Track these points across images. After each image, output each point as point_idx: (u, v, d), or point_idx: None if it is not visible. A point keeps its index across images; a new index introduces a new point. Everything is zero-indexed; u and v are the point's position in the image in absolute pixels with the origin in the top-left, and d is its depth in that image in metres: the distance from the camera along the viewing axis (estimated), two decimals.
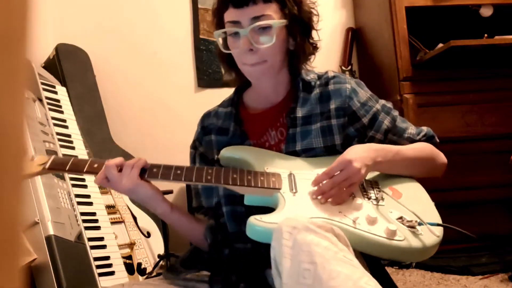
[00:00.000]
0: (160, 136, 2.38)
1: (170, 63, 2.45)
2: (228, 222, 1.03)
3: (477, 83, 2.05)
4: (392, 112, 1.08)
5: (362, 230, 0.84)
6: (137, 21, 2.45)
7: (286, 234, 0.72)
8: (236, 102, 1.12)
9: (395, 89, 2.08)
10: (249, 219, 0.84)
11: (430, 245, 0.86)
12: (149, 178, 0.96)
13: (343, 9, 2.63)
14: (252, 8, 0.95)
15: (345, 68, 2.50)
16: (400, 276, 1.73)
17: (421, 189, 1.04)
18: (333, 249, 0.69)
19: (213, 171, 0.94)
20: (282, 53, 1.02)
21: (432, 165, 1.08)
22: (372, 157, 0.93)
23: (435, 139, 1.12)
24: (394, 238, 0.83)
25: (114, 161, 0.94)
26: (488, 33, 2.00)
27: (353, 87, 1.04)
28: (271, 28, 0.96)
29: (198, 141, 1.14)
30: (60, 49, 2.09)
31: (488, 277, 1.64)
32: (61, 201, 1.45)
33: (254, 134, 1.07)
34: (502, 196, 1.99)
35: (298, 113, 1.03)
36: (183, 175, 0.93)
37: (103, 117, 2.18)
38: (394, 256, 0.88)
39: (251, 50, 0.97)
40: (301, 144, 1.01)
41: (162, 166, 0.96)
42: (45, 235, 1.32)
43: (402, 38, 2.06)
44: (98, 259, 1.45)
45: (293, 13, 0.99)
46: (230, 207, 1.03)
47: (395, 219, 0.89)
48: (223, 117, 1.12)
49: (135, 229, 1.78)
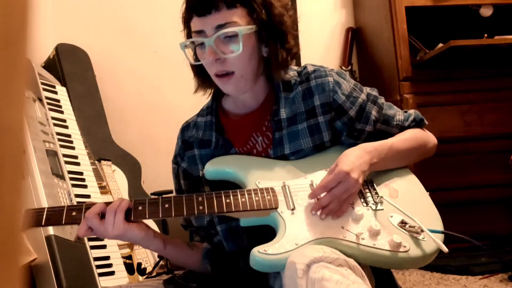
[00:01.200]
0: (160, 136, 2.38)
1: (170, 63, 2.45)
2: (225, 241, 0.99)
3: (477, 83, 2.05)
4: (378, 100, 1.04)
5: (367, 245, 0.84)
6: (137, 20, 2.45)
7: (300, 272, 0.71)
8: (215, 110, 1.05)
9: (395, 89, 2.09)
10: (253, 252, 0.80)
11: (433, 251, 0.88)
12: (136, 218, 0.88)
13: (343, 9, 2.63)
14: (215, 16, 0.89)
15: (345, 68, 2.50)
16: (400, 276, 1.73)
17: (414, 180, 1.04)
18: (345, 283, 0.69)
19: (203, 199, 0.88)
20: (254, 62, 0.94)
21: (423, 150, 1.07)
22: (367, 161, 0.91)
23: (423, 122, 1.10)
24: (399, 250, 0.84)
25: (94, 210, 0.85)
26: (488, 33, 2.00)
27: (335, 80, 0.99)
28: (237, 36, 0.89)
29: (179, 157, 1.07)
30: (60, 49, 2.09)
31: (488, 277, 1.64)
32: (61, 201, 1.45)
33: (238, 141, 1.01)
34: (501, 196, 2.00)
35: (282, 115, 0.98)
36: (172, 210, 0.87)
37: (103, 116, 2.18)
38: (399, 266, 0.89)
39: (218, 59, 0.91)
40: (289, 146, 0.97)
41: (147, 202, 0.88)
42: (45, 235, 1.32)
43: (402, 38, 2.06)
44: (98, 259, 1.45)
45: (262, 18, 0.92)
46: (225, 225, 0.99)
47: (397, 224, 0.89)
48: (203, 128, 1.05)
49: None
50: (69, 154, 1.65)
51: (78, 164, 1.66)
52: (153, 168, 2.21)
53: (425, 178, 1.06)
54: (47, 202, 1.36)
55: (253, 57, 0.94)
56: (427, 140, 1.08)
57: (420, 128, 1.09)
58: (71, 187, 1.54)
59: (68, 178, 1.55)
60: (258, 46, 0.95)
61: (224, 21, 0.89)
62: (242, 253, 0.95)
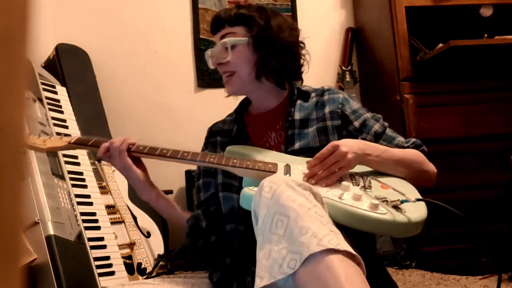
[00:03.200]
0: (160, 136, 2.38)
1: (170, 63, 2.45)
2: (223, 205, 1.12)
3: (477, 83, 2.05)
4: (381, 121, 1.16)
5: (346, 204, 0.88)
6: (137, 21, 2.45)
7: (267, 187, 0.79)
8: (240, 110, 1.26)
9: (395, 89, 2.09)
10: (243, 189, 0.90)
11: (415, 220, 0.88)
12: (142, 155, 1.09)
13: (343, 9, 2.63)
14: (220, 32, 1.15)
15: (345, 68, 2.49)
16: (400, 276, 1.73)
17: (410, 186, 1.05)
18: (307, 206, 0.75)
19: (216, 155, 1.04)
20: (249, 65, 1.13)
21: (419, 169, 1.10)
22: (361, 147, 1.00)
23: (423, 148, 1.15)
24: (376, 211, 0.87)
25: (105, 145, 1.07)
26: (488, 33, 2.00)
27: (345, 97, 1.17)
28: (235, 45, 1.13)
29: (204, 145, 1.28)
30: (60, 49, 2.09)
31: (488, 277, 1.64)
32: (61, 201, 1.45)
33: (255, 136, 1.18)
34: (501, 196, 2.00)
35: (296, 116, 1.14)
36: (190, 154, 1.04)
37: (103, 117, 2.18)
38: (379, 230, 0.90)
39: (220, 64, 1.15)
40: (299, 144, 1.10)
41: (170, 150, 1.07)
42: (45, 235, 1.32)
43: (402, 38, 2.06)
44: (98, 259, 1.45)
45: (259, 31, 1.13)
46: (226, 193, 1.13)
47: (380, 201, 0.92)
48: (228, 122, 1.26)
49: (135, 229, 1.78)
50: (69, 154, 1.65)
51: (78, 164, 1.66)
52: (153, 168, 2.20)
53: None
54: (47, 202, 1.36)
55: (248, 61, 1.13)
56: (424, 162, 1.12)
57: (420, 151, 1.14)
58: (71, 187, 1.54)
59: (68, 178, 1.55)
60: (252, 55, 1.13)
61: (225, 32, 1.14)
62: (233, 218, 1.09)
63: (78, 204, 1.51)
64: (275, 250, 0.71)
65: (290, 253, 0.69)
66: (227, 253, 1.07)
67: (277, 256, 0.70)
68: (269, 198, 0.77)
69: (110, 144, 1.07)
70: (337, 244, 0.68)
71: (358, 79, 2.52)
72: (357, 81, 2.51)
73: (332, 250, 0.67)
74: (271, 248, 0.72)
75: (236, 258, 1.04)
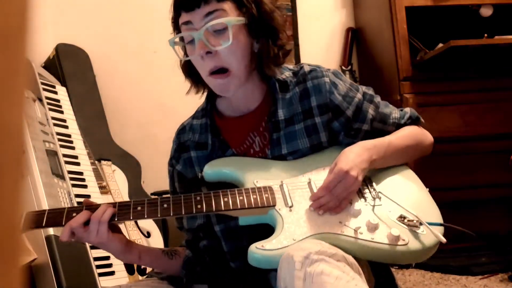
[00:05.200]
0: (160, 136, 2.37)
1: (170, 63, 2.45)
2: (224, 241, 0.99)
3: (477, 83, 2.05)
4: (374, 99, 1.04)
5: (365, 239, 0.83)
6: (137, 21, 2.45)
7: (298, 264, 0.69)
8: (209, 111, 1.04)
9: (395, 89, 2.08)
10: (250, 248, 0.79)
11: (432, 244, 0.86)
12: (134, 219, 0.90)
13: (343, 9, 2.63)
14: (204, 8, 0.88)
15: (345, 68, 2.50)
16: (400, 276, 1.73)
17: (413, 177, 1.03)
18: (345, 279, 0.68)
19: (202, 198, 0.88)
20: (246, 57, 0.93)
21: (421, 147, 1.07)
22: (366, 159, 0.91)
23: (420, 120, 1.10)
24: (397, 243, 0.83)
25: (79, 219, 0.87)
26: (488, 33, 2.00)
27: (332, 80, 0.99)
28: (227, 28, 0.88)
29: (174, 159, 1.07)
30: (60, 49, 2.09)
31: (488, 277, 1.64)
32: (61, 201, 1.45)
33: (235, 141, 1.01)
34: (502, 195, 2.00)
35: (280, 116, 0.98)
36: (170, 210, 0.87)
37: (103, 117, 2.18)
38: (398, 261, 0.87)
39: (208, 53, 0.88)
40: (286, 147, 0.97)
41: (146, 203, 0.88)
42: (45, 235, 1.32)
43: (402, 38, 2.06)
44: (98, 259, 1.45)
45: (251, 12, 0.91)
46: (224, 225, 0.98)
47: (396, 219, 0.87)
48: (199, 130, 1.04)
49: (135, 229, 1.78)
50: (69, 154, 1.65)
51: (78, 164, 1.66)
52: (153, 168, 2.21)
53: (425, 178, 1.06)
54: (47, 202, 1.36)
55: (245, 52, 0.92)
56: (424, 137, 1.08)
57: (416, 125, 1.09)
58: (71, 187, 1.54)
59: (68, 178, 1.55)
60: (249, 41, 0.93)
61: (213, 8, 0.87)
62: (239, 255, 0.95)
63: (78, 204, 1.51)
64: None
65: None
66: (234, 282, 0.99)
67: None
68: (302, 279, 0.68)
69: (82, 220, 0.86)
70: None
71: (358, 79, 2.52)
72: (357, 81, 2.51)
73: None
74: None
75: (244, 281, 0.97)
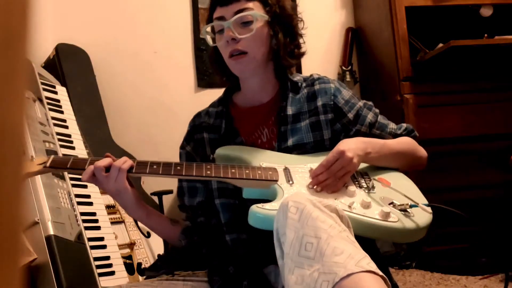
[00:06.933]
0: (160, 136, 2.38)
1: (170, 63, 2.45)
2: (222, 213, 1.07)
3: (477, 83, 2.05)
4: (374, 109, 1.16)
5: (357, 213, 0.89)
6: (137, 21, 2.45)
7: (293, 208, 0.74)
8: (226, 101, 1.18)
9: (395, 89, 2.08)
10: (251, 208, 0.87)
11: (423, 224, 0.91)
12: (146, 174, 0.98)
13: (343, 9, 2.63)
14: (235, 5, 1.06)
15: (345, 68, 2.50)
16: (400, 276, 1.73)
17: (406, 178, 1.11)
18: (338, 228, 0.72)
19: (211, 166, 0.97)
20: (265, 47, 1.08)
21: (414, 157, 1.15)
22: (363, 148, 1.00)
23: (414, 133, 1.20)
24: (388, 219, 0.88)
25: (102, 162, 0.96)
26: (488, 33, 2.00)
27: (336, 87, 1.13)
28: (253, 21, 1.05)
29: (185, 141, 1.19)
30: (60, 49, 2.09)
31: (488, 277, 1.64)
32: (61, 201, 1.45)
33: (244, 130, 1.12)
34: (501, 196, 1.99)
35: (289, 111, 1.09)
36: (183, 170, 0.96)
37: (103, 117, 2.18)
38: (389, 237, 0.93)
39: (233, 40, 1.05)
40: (292, 140, 1.07)
41: (161, 164, 0.97)
42: (45, 235, 1.32)
43: (402, 38, 2.06)
44: (98, 259, 1.45)
45: (275, 11, 1.08)
46: (224, 199, 1.07)
47: (387, 204, 0.94)
48: (214, 116, 1.17)
49: (135, 229, 1.78)
50: (69, 154, 1.65)
51: None
52: None
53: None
54: (47, 202, 1.36)
55: (264, 43, 1.08)
56: (418, 149, 1.17)
57: (411, 138, 1.19)
58: (71, 187, 1.54)
59: (68, 178, 1.55)
60: (269, 36, 1.09)
61: (243, 7, 1.06)
62: (235, 226, 1.04)
63: (78, 204, 1.51)
64: (307, 275, 0.68)
65: (322, 274, 0.66)
66: (230, 263, 1.03)
67: (309, 280, 0.67)
68: (296, 220, 0.72)
69: (105, 164, 0.95)
70: (375, 268, 0.66)
71: (358, 79, 2.52)
72: (357, 81, 2.51)
73: (372, 272, 0.65)
74: (303, 273, 0.68)
75: (240, 267, 1.01)
